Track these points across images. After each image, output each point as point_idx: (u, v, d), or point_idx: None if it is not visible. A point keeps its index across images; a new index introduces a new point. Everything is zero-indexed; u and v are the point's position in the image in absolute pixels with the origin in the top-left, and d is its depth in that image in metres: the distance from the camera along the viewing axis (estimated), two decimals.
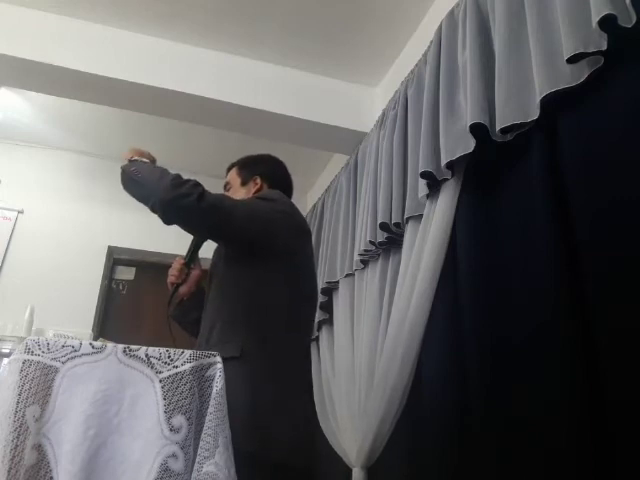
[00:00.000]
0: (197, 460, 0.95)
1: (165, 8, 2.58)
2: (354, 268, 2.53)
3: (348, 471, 2.16)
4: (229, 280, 1.50)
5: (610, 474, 1.15)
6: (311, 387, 1.57)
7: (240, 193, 1.68)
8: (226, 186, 1.75)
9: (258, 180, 1.69)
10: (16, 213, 3.46)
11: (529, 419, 1.37)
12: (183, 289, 1.68)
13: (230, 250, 1.52)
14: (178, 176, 1.40)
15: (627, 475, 1.12)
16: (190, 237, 1.75)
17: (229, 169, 1.79)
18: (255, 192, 1.66)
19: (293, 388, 1.40)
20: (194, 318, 1.62)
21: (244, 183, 1.71)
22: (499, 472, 1.43)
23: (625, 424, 1.14)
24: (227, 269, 1.51)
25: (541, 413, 1.34)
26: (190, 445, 0.97)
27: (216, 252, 1.61)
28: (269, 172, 1.72)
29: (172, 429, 0.97)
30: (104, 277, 3.56)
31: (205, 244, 1.70)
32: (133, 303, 3.67)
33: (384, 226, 2.20)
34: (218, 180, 4.23)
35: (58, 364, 1.01)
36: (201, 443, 0.96)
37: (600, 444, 1.17)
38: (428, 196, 1.93)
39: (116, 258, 3.70)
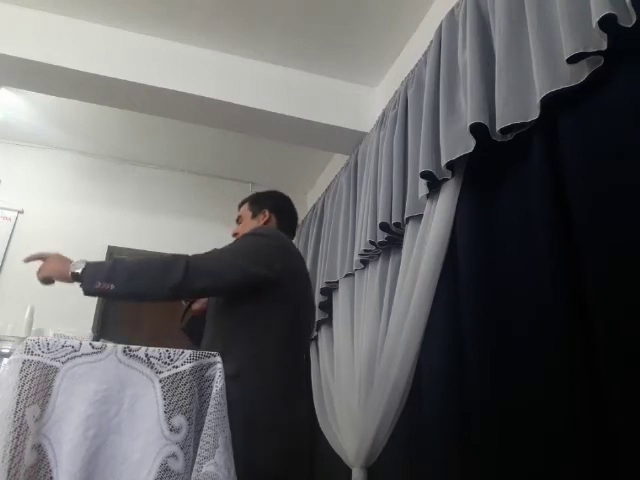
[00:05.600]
0: (197, 460, 0.95)
1: (165, 8, 2.58)
2: (354, 268, 2.53)
3: (348, 471, 2.16)
4: (227, 302, 1.56)
5: (612, 475, 1.15)
6: (310, 392, 1.62)
7: (251, 225, 1.81)
8: (238, 219, 1.89)
9: (267, 212, 1.83)
10: (16, 213, 3.47)
11: (529, 419, 1.37)
12: (196, 306, 1.78)
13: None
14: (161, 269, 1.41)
15: (629, 476, 1.12)
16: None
17: (241, 205, 1.92)
18: (264, 223, 1.81)
19: (291, 402, 1.47)
20: (201, 330, 1.68)
21: (254, 216, 1.84)
22: (499, 472, 1.43)
23: (626, 424, 1.14)
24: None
25: (541, 413, 1.34)
26: (190, 445, 0.97)
27: None
28: (276, 206, 1.87)
29: (172, 429, 0.97)
30: None
31: None
32: (133, 304, 3.67)
33: (384, 226, 2.20)
34: (218, 180, 4.24)
35: (58, 364, 1.00)
36: (201, 443, 0.96)
37: (601, 444, 1.17)
38: (428, 196, 1.92)
39: (116, 258, 3.70)
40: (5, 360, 1.03)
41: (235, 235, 1.85)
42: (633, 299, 1.17)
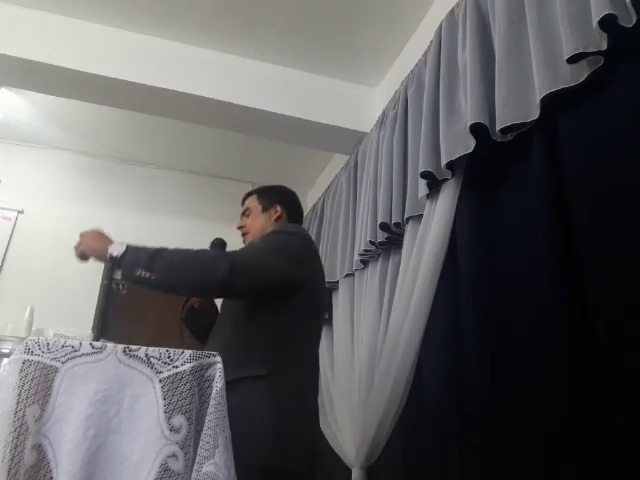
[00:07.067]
0: (197, 460, 0.95)
1: (165, 8, 2.58)
2: (354, 268, 2.53)
3: (348, 471, 2.16)
4: (247, 306, 1.51)
5: (612, 475, 1.15)
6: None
7: (261, 218, 1.77)
8: (245, 212, 1.82)
9: (278, 208, 1.77)
10: (16, 213, 3.46)
11: (529, 419, 1.37)
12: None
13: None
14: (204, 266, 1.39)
15: (629, 476, 1.12)
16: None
17: (246, 197, 1.87)
18: (276, 219, 1.75)
19: (310, 403, 1.48)
20: (204, 324, 1.67)
21: (265, 210, 1.78)
22: (499, 471, 1.43)
23: (626, 424, 1.14)
24: None
25: (541, 413, 1.33)
26: (190, 445, 0.97)
27: None
28: (286, 201, 1.82)
29: (172, 429, 0.97)
30: (104, 277, 3.54)
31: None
32: (133, 303, 3.67)
33: (384, 226, 2.19)
34: (218, 180, 4.23)
35: (58, 364, 1.00)
36: (201, 443, 0.96)
37: (601, 444, 1.17)
38: (428, 196, 1.92)
39: None
40: (5, 360, 1.03)
41: (241, 228, 1.80)
42: (633, 299, 1.17)
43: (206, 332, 1.64)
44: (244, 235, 1.79)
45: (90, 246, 1.44)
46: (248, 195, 1.86)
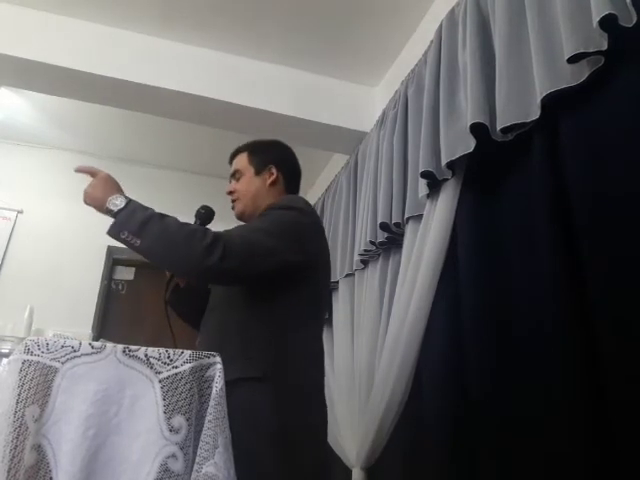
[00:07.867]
0: (197, 461, 0.95)
1: (165, 8, 2.58)
2: (354, 268, 2.53)
3: (348, 472, 2.16)
4: (246, 291, 1.39)
5: (612, 475, 1.15)
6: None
7: (254, 183, 1.57)
8: (235, 174, 1.62)
9: (274, 170, 1.58)
10: (16, 213, 3.46)
11: (530, 419, 1.37)
12: None
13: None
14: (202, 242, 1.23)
15: (630, 476, 1.12)
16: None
17: (235, 154, 1.65)
18: (272, 183, 1.57)
19: (316, 405, 1.38)
20: (189, 304, 1.58)
21: (258, 172, 1.58)
22: (499, 472, 1.43)
23: (627, 423, 1.13)
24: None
25: (542, 414, 1.33)
26: (190, 446, 0.97)
27: None
28: (282, 160, 1.62)
29: (172, 429, 0.97)
30: (104, 277, 3.56)
31: None
32: (133, 303, 3.67)
33: (384, 226, 2.19)
34: (218, 180, 4.22)
35: (57, 364, 1.00)
36: (200, 444, 0.96)
37: (602, 444, 1.17)
38: (428, 196, 1.92)
39: (116, 258, 3.70)
40: (5, 360, 1.03)
41: (231, 194, 1.59)
42: (634, 299, 1.16)
43: (195, 315, 1.52)
44: (234, 201, 1.60)
45: (92, 195, 1.38)
46: (238, 152, 1.63)
